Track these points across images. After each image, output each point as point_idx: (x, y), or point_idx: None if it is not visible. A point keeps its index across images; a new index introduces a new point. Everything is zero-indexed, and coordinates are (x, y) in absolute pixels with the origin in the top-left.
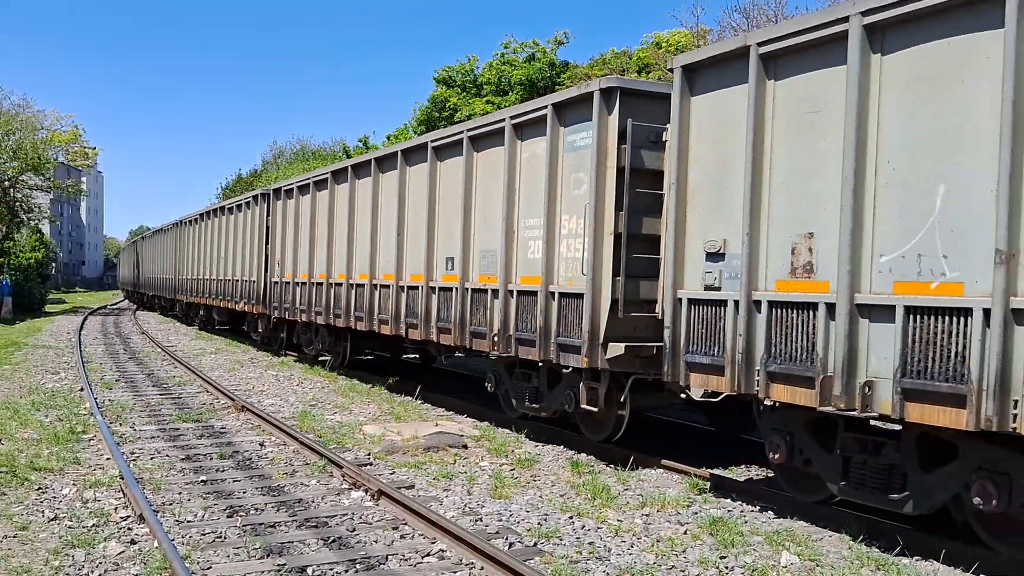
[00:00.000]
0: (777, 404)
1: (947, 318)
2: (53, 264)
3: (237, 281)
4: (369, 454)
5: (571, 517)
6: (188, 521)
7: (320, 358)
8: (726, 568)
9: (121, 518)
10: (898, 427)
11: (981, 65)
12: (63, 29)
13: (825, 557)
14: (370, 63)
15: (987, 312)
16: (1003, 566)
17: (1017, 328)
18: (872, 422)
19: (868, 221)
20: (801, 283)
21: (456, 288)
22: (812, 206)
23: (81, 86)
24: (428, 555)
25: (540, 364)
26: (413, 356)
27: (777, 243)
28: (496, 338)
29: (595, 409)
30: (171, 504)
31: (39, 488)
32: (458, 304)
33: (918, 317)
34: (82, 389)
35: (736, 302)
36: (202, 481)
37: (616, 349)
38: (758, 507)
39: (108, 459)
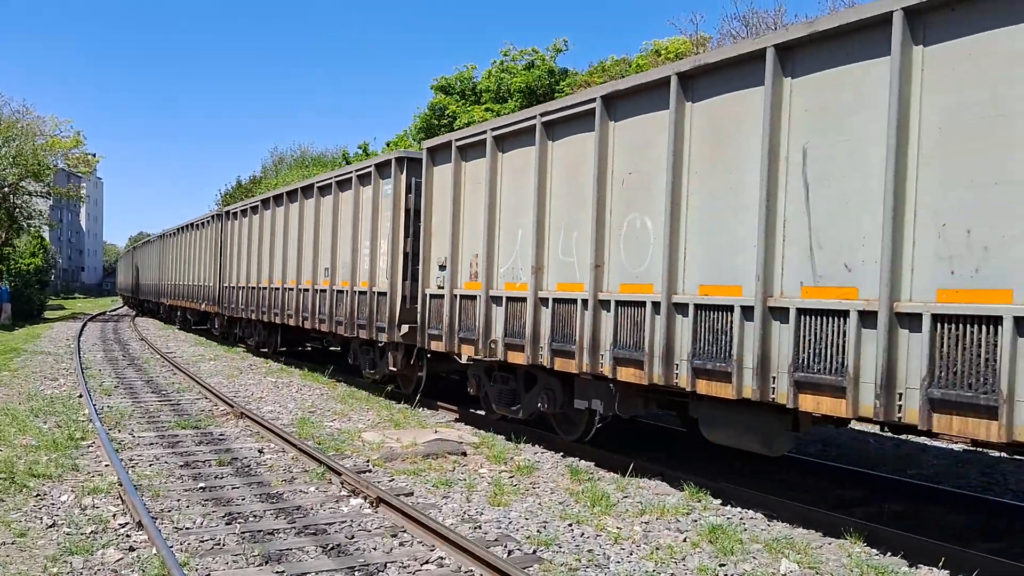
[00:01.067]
0: (468, 358)
1: (520, 303)
2: (52, 270)
3: (201, 286)
4: (368, 461)
5: (570, 524)
6: (187, 528)
7: (262, 348)
8: None
9: (119, 525)
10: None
11: (530, 166)
12: (62, 34)
13: (825, 565)
14: (371, 69)
15: (529, 298)
16: (1002, 570)
17: (541, 308)
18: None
19: (496, 247)
20: (473, 283)
21: (327, 290)
22: (477, 238)
23: (80, 92)
24: (427, 562)
25: (372, 341)
26: (336, 348)
27: (465, 260)
28: (347, 325)
29: (395, 370)
30: (170, 511)
31: (37, 495)
32: (329, 301)
33: (512, 303)
34: (81, 395)
35: (447, 296)
36: (201, 488)
37: (404, 329)
38: (758, 515)
39: (107, 466)
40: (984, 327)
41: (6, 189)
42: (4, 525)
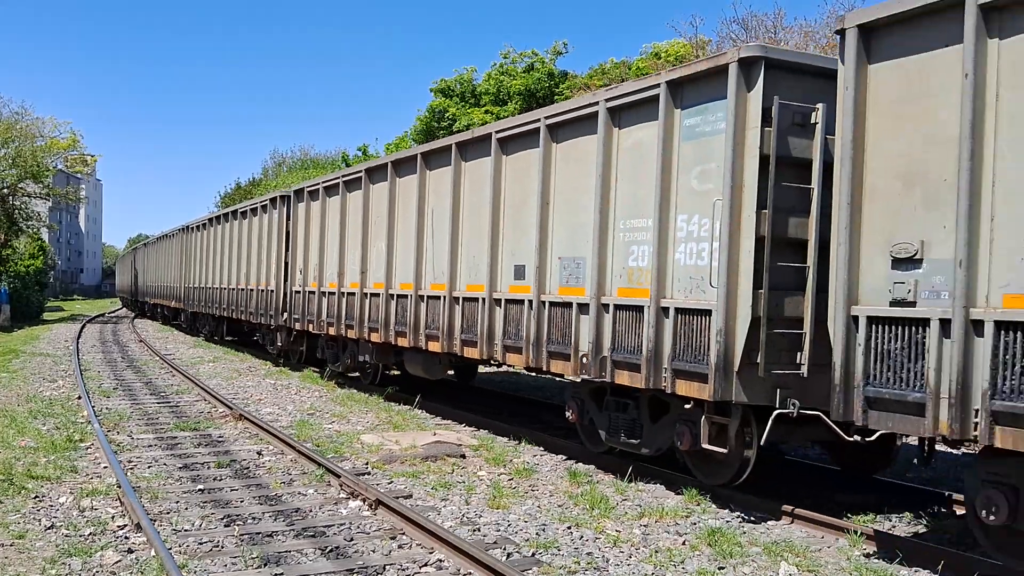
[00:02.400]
0: (329, 333)
1: (333, 295)
2: (51, 272)
3: (173, 287)
4: (367, 463)
5: (569, 527)
6: (185, 530)
7: (214, 337)
8: None
9: (118, 527)
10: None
11: (338, 209)
12: (61, 35)
13: (824, 568)
14: (371, 69)
15: (336, 292)
16: (1001, 574)
17: (342, 298)
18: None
19: (324, 259)
20: (313, 283)
21: (245, 288)
22: (316, 253)
23: (80, 93)
24: (426, 565)
25: (269, 325)
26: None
27: (311, 268)
28: (255, 314)
29: (281, 345)
30: (168, 513)
31: (36, 496)
32: (246, 296)
33: (330, 295)
34: (80, 397)
35: (302, 291)
36: (199, 490)
37: (285, 315)
38: (757, 518)
39: (105, 468)
40: (520, 305)
41: (5, 191)
42: (3, 527)
